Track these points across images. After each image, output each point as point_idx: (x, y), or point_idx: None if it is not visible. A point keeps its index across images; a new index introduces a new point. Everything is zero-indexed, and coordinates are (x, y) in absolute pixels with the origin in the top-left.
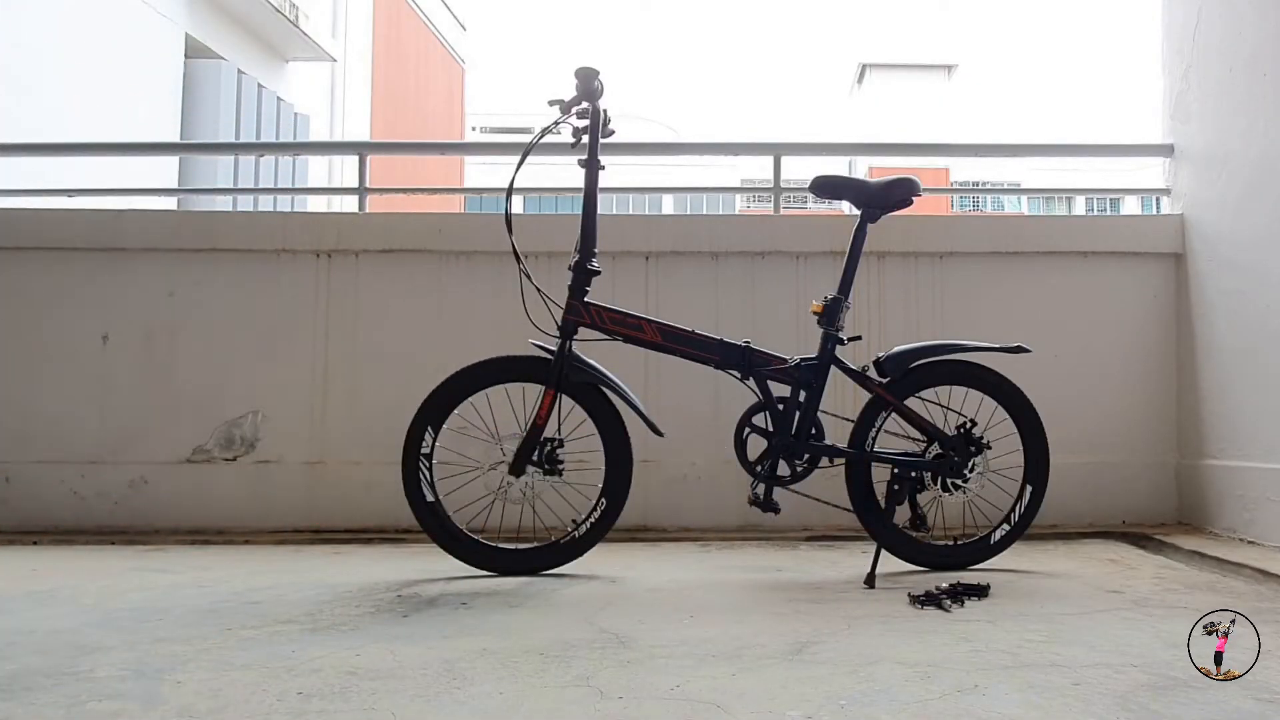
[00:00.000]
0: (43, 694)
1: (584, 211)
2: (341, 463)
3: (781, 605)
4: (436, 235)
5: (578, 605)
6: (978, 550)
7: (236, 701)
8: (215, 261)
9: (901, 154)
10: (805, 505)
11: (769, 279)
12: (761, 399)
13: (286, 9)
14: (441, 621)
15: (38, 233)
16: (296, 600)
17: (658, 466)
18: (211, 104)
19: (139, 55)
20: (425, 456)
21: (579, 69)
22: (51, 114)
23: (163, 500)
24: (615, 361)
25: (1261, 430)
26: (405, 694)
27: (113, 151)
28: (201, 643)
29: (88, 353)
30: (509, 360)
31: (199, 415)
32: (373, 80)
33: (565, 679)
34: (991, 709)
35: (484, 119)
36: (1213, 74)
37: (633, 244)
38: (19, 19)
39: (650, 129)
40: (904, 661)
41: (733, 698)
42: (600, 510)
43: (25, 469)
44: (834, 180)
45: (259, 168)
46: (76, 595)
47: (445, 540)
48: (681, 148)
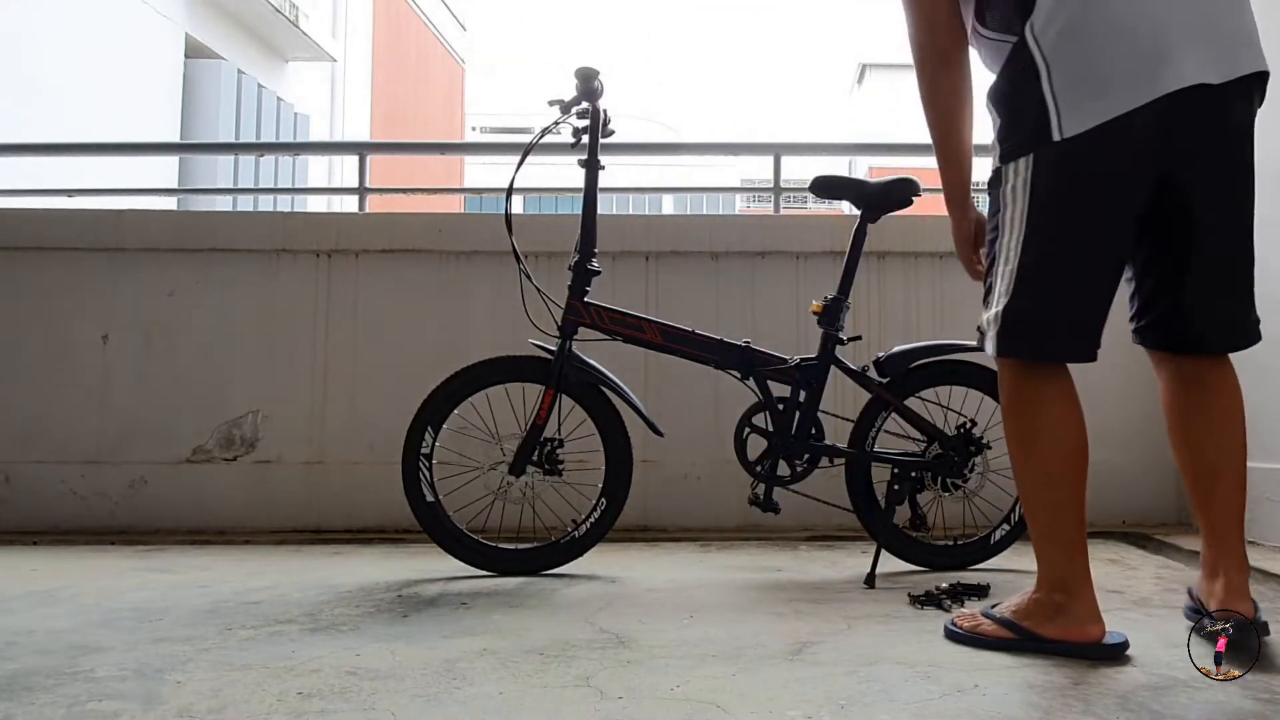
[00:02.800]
0: (43, 694)
1: (584, 211)
2: (341, 463)
3: (781, 605)
4: (436, 235)
5: (578, 605)
6: (978, 550)
7: (236, 701)
8: (215, 261)
9: (901, 154)
10: (805, 505)
11: (769, 279)
12: (761, 399)
13: (286, 9)
14: (441, 621)
15: (38, 233)
16: (296, 600)
17: (658, 466)
18: (211, 104)
19: (139, 55)
20: (425, 457)
21: (579, 69)
22: (51, 114)
23: (163, 500)
24: (615, 361)
25: (1261, 430)
26: (405, 694)
27: (113, 151)
28: (201, 643)
29: (88, 353)
30: (509, 360)
31: (199, 415)
32: (373, 80)
33: (565, 679)
34: (991, 709)
35: (484, 119)
36: None
37: (633, 244)
38: (19, 19)
39: (650, 129)
40: (904, 661)
41: (733, 698)
42: (600, 510)
43: (25, 469)
44: (834, 180)
45: (259, 168)
46: (76, 595)
47: (445, 540)
48: (681, 148)
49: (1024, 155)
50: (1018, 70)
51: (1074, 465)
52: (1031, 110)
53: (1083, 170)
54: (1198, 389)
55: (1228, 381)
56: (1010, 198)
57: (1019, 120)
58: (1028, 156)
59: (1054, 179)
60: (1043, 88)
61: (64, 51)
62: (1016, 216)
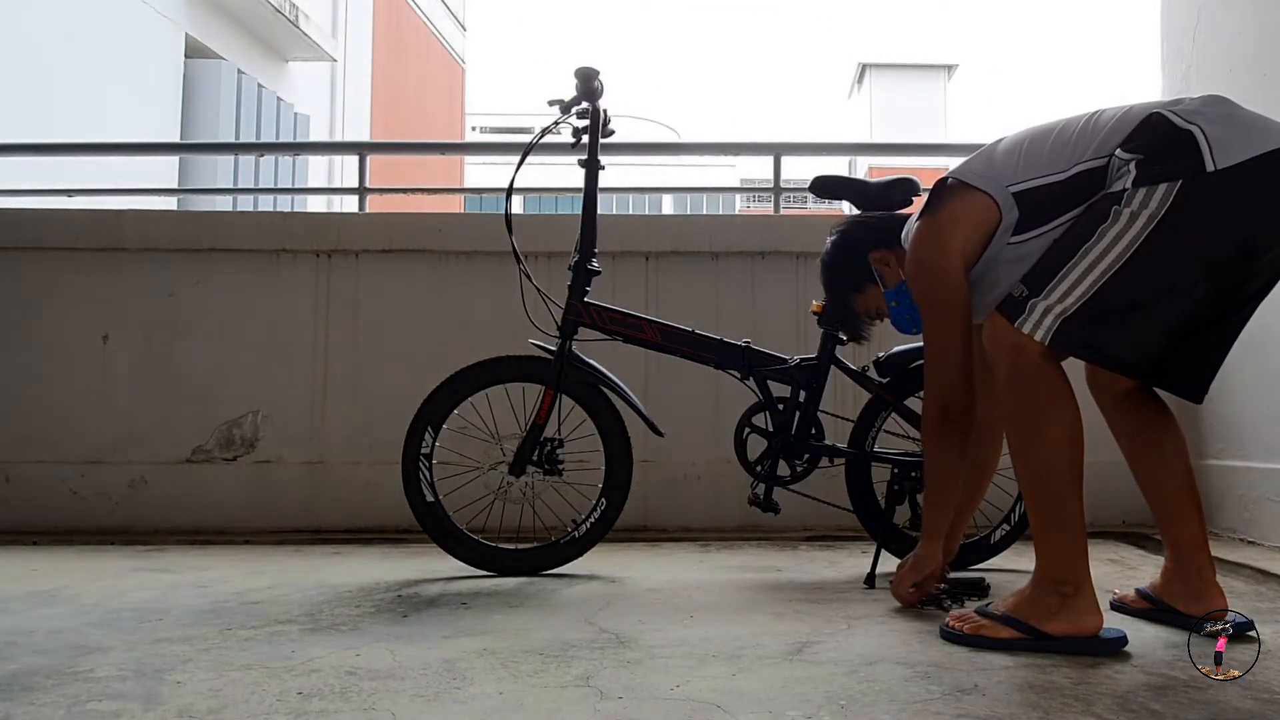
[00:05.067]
0: (43, 694)
1: (584, 211)
2: (341, 463)
3: (781, 605)
4: (436, 235)
5: (578, 605)
6: (978, 550)
7: (236, 701)
8: (215, 261)
9: (901, 154)
10: (805, 505)
11: (769, 279)
12: (761, 399)
13: (286, 9)
14: (441, 621)
15: (38, 233)
16: (296, 600)
17: (658, 466)
18: (211, 104)
19: (139, 55)
20: (425, 457)
21: (579, 69)
22: (52, 114)
23: (163, 500)
24: (615, 361)
25: (1261, 430)
26: (405, 694)
27: (113, 151)
28: (201, 643)
29: (88, 353)
30: (509, 360)
31: (199, 415)
32: (373, 80)
33: (565, 679)
34: (991, 709)
35: (484, 119)
36: (1213, 74)
37: (633, 244)
38: (19, 19)
39: (650, 129)
40: (904, 661)
41: (733, 698)
42: (600, 510)
43: (25, 469)
44: (834, 180)
45: (259, 168)
46: (76, 595)
47: (445, 540)
48: (681, 148)
49: (1168, 181)
50: (1160, 136)
51: (1079, 453)
52: (1180, 147)
53: (1231, 202)
54: (1153, 427)
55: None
56: (1126, 218)
57: (1164, 153)
58: (1173, 183)
59: (1191, 211)
60: (1194, 133)
61: (64, 51)
62: (1124, 239)
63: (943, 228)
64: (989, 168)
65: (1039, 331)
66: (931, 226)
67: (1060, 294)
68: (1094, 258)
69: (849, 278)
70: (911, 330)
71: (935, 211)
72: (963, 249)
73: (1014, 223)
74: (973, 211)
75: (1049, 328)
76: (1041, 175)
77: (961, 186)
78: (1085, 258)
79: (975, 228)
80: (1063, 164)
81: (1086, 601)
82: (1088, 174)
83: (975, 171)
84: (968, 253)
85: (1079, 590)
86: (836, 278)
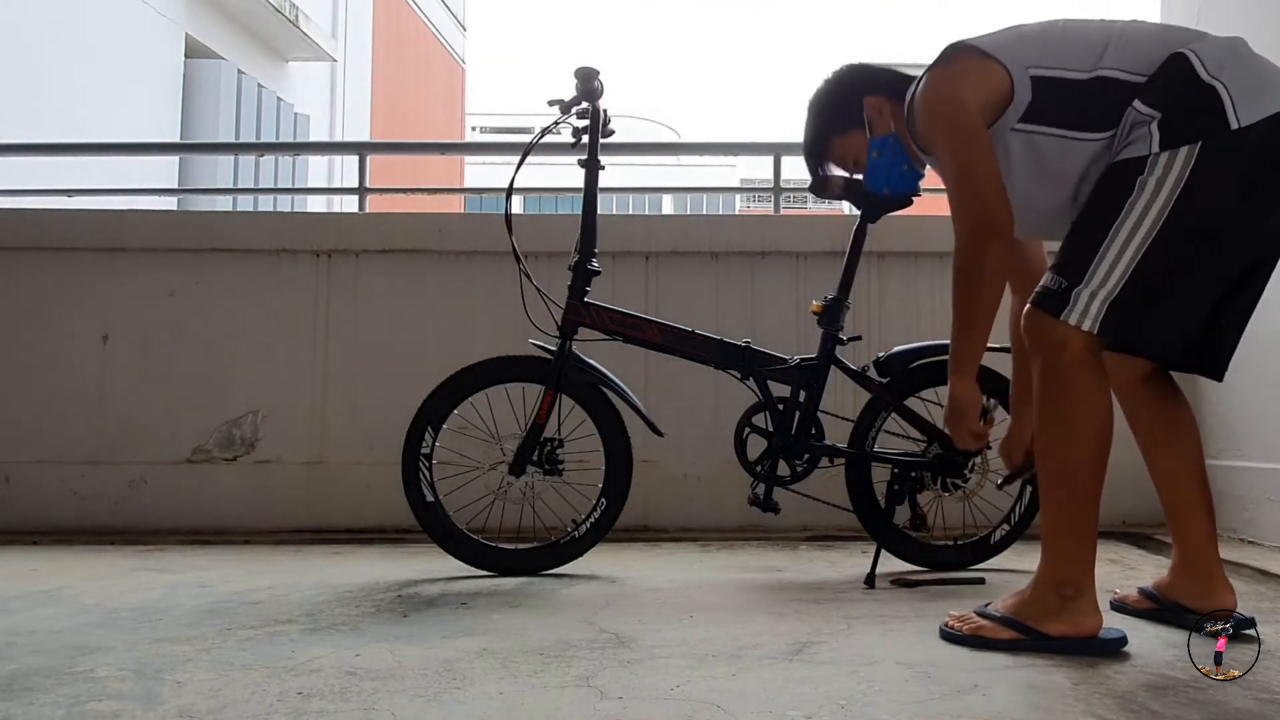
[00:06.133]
0: (43, 694)
1: (584, 211)
2: (341, 463)
3: (781, 605)
4: (437, 235)
5: (578, 605)
6: (978, 550)
7: (236, 701)
8: (215, 261)
9: None
10: (805, 505)
11: (769, 279)
12: (761, 399)
13: (286, 9)
14: (441, 621)
15: (38, 233)
16: (296, 600)
17: (658, 466)
18: (211, 104)
19: (139, 55)
20: (425, 457)
21: (579, 69)
22: (51, 114)
23: (163, 500)
24: (615, 361)
25: (1261, 430)
26: (405, 694)
27: (113, 151)
28: (201, 643)
29: (88, 352)
30: (509, 360)
31: (199, 415)
32: (373, 80)
33: (565, 679)
34: (991, 709)
35: (484, 119)
36: None
37: (633, 244)
38: (19, 19)
39: (650, 129)
40: (904, 661)
41: (733, 698)
42: (600, 510)
43: (25, 469)
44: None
45: (259, 168)
46: (76, 595)
47: (445, 540)
48: (681, 148)
49: (1190, 143)
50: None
51: (1106, 456)
52: (1203, 102)
53: (1256, 159)
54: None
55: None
56: (1152, 187)
57: (1185, 107)
58: (1194, 145)
59: (1216, 172)
60: (1217, 89)
61: (64, 51)
62: (1152, 210)
63: (955, 77)
64: (1005, 44)
65: (1086, 320)
66: (944, 75)
67: (1101, 277)
68: (1127, 234)
69: (838, 117)
70: (881, 189)
71: (947, 64)
72: (974, 100)
73: (1024, 105)
74: (986, 76)
75: (1096, 314)
76: (1063, 69)
77: (976, 52)
78: (1118, 236)
79: (986, 92)
80: (1088, 64)
81: (1086, 603)
82: (1112, 83)
83: (993, 43)
84: (979, 106)
85: (1080, 593)
86: (824, 115)
